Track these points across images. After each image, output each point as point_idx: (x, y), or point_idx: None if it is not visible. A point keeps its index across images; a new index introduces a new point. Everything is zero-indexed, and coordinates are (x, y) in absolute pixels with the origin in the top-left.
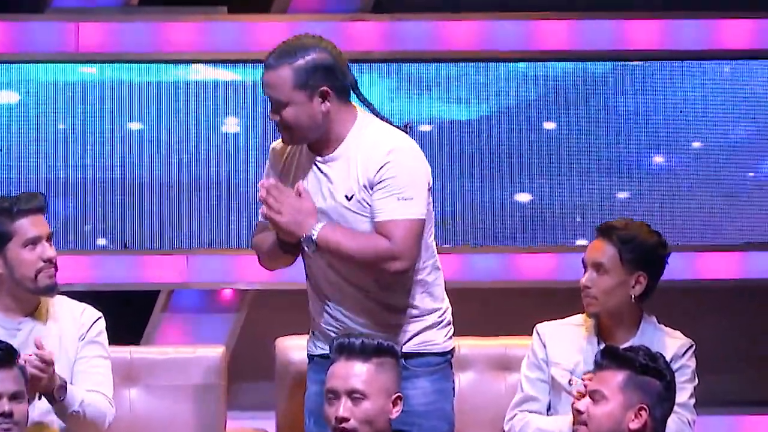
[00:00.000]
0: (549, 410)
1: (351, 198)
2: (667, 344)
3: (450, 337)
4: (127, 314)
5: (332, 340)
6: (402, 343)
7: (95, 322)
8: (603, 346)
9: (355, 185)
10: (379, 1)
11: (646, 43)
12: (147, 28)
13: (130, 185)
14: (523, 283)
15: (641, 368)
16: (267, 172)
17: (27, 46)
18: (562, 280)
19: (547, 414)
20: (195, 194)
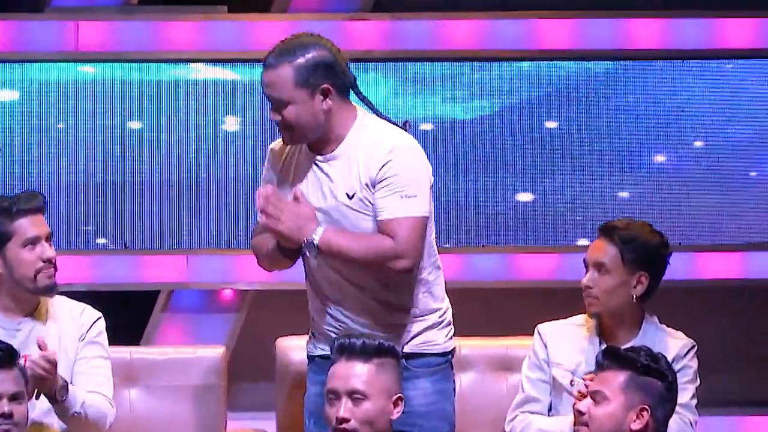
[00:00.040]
0: (550, 411)
1: (352, 197)
2: (668, 345)
3: (450, 338)
4: (127, 314)
5: (333, 340)
6: (403, 344)
7: (95, 322)
8: (604, 347)
9: (357, 184)
10: (379, 1)
11: (647, 42)
12: (147, 27)
13: (130, 185)
14: (525, 283)
15: (643, 369)
16: (265, 173)
17: (26, 45)
18: (563, 280)
19: (549, 414)
20: (195, 194)
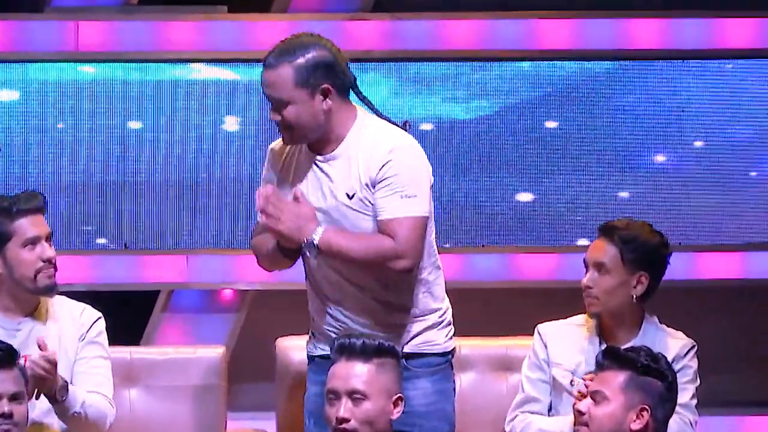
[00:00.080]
0: (550, 411)
1: (352, 196)
2: (668, 345)
3: (450, 338)
4: (127, 314)
5: (333, 340)
6: (403, 344)
7: (95, 322)
8: (604, 347)
9: (357, 184)
10: (379, 1)
11: (647, 42)
12: (147, 27)
13: (130, 185)
14: (525, 283)
15: (643, 369)
16: (265, 173)
17: (26, 45)
18: (563, 280)
19: (549, 414)
20: (195, 194)
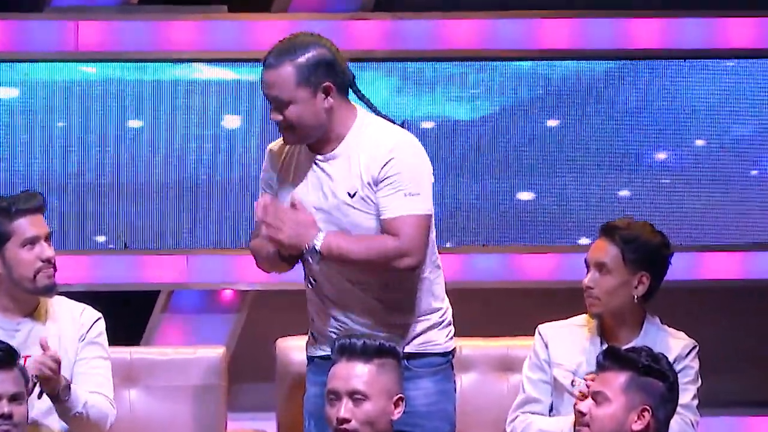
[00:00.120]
0: (551, 411)
1: (354, 195)
2: (670, 345)
3: (451, 338)
4: (127, 314)
5: (333, 341)
6: (404, 344)
7: (95, 322)
8: (605, 347)
9: (358, 182)
10: (379, 0)
11: (648, 42)
12: (146, 26)
13: (130, 185)
14: (525, 284)
15: (644, 369)
16: (264, 174)
17: (26, 45)
18: (564, 280)
19: (550, 415)
20: (195, 194)
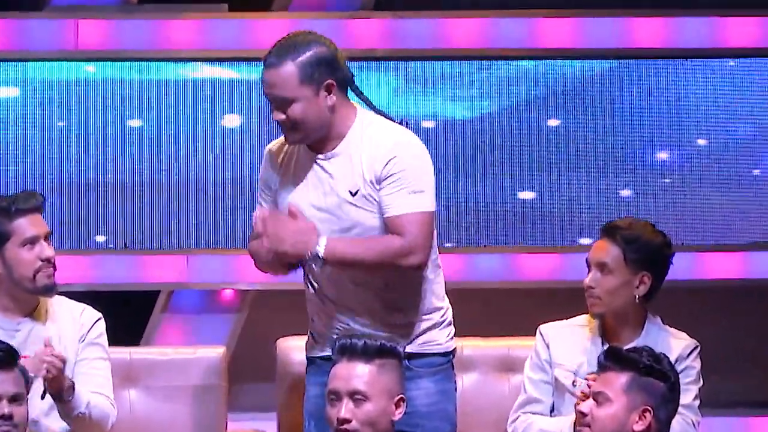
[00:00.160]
0: (552, 411)
1: (356, 193)
2: (671, 345)
3: (451, 337)
4: (127, 314)
5: (333, 341)
6: (405, 344)
7: (95, 323)
8: (606, 347)
9: (360, 181)
10: None
11: (649, 41)
12: (147, 25)
13: (130, 184)
14: (527, 284)
15: (645, 369)
16: (263, 173)
17: (26, 43)
18: (565, 280)
19: (551, 415)
20: (195, 194)
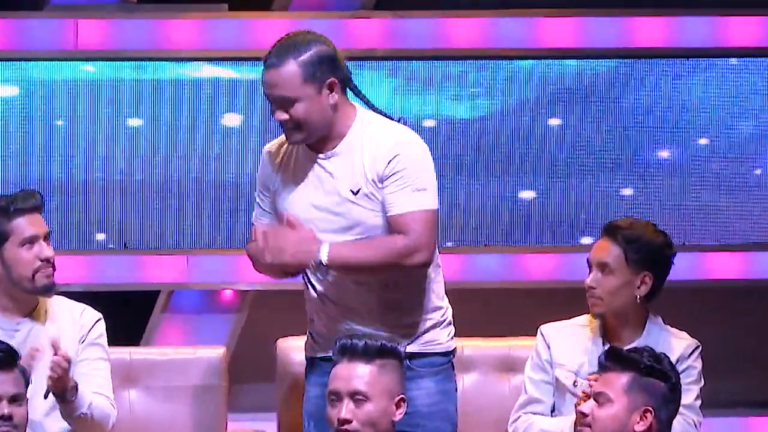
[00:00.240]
0: (553, 412)
1: (357, 192)
2: (673, 345)
3: (452, 337)
4: (127, 315)
5: (334, 341)
6: (407, 343)
7: (96, 323)
8: (607, 348)
9: (361, 179)
10: None
11: (651, 41)
12: (146, 25)
13: (130, 184)
14: (527, 283)
15: (646, 370)
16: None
17: (26, 43)
18: (566, 280)
19: (552, 415)
20: (195, 194)
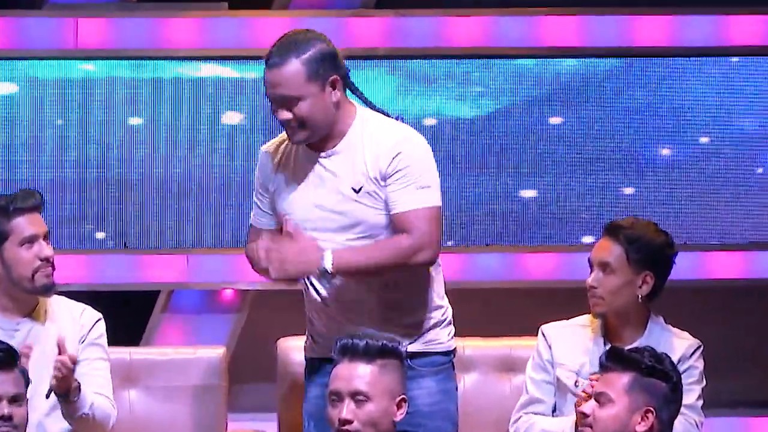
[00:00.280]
0: (554, 412)
1: (359, 190)
2: (674, 345)
3: (452, 336)
4: (127, 314)
5: (334, 341)
6: (408, 343)
7: (96, 323)
8: (608, 347)
9: (363, 178)
10: None
11: (653, 39)
12: (146, 24)
13: (130, 183)
14: (528, 283)
15: (647, 370)
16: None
17: (25, 42)
18: (567, 280)
19: (553, 415)
20: (195, 193)
